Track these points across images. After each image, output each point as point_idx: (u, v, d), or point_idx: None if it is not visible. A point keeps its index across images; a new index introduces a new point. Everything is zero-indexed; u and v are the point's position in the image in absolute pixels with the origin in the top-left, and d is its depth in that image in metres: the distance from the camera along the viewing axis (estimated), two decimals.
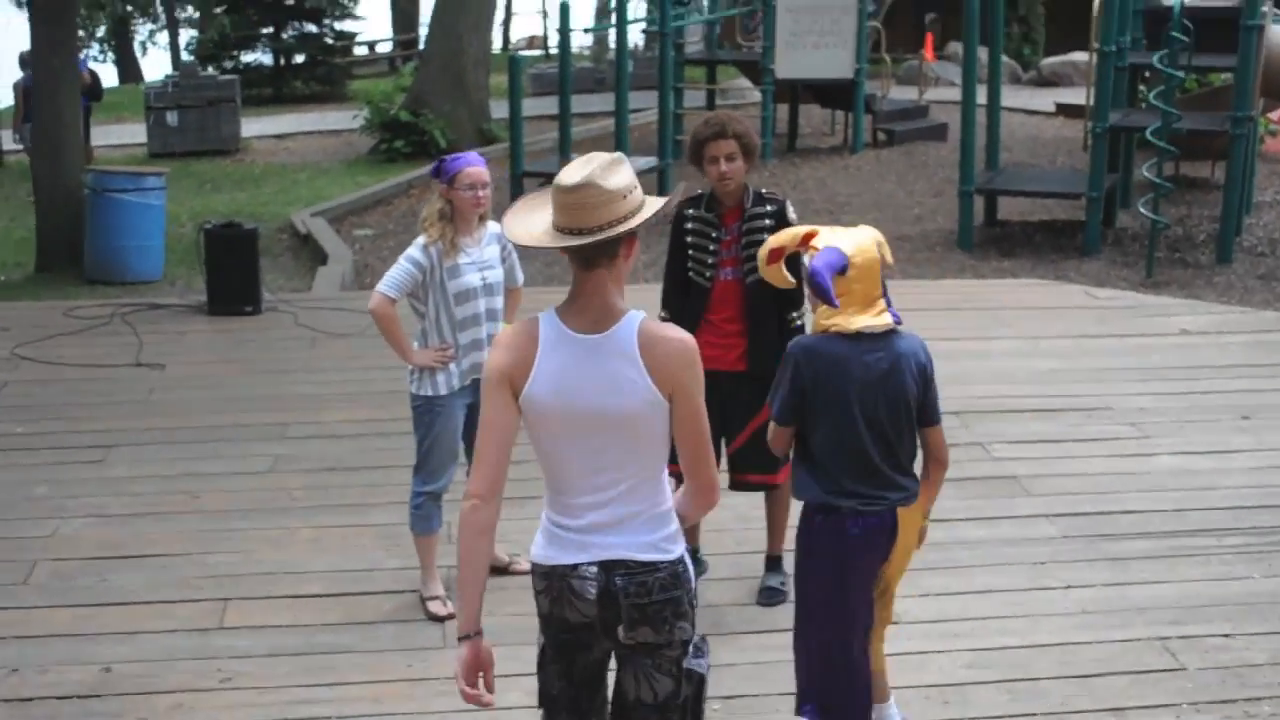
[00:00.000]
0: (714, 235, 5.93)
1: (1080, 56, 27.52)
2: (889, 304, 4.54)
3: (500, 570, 6.41)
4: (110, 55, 45.30)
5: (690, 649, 3.58)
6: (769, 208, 5.92)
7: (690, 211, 6.01)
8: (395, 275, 5.91)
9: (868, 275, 4.45)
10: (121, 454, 8.02)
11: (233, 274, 10.87)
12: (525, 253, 5.14)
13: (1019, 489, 7.41)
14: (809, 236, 4.58)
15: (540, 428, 3.49)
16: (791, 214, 5.93)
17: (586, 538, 3.49)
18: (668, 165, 16.14)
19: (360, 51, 35.31)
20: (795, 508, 5.00)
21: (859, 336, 4.43)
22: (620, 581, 3.46)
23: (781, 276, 4.84)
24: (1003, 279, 13.06)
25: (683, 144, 18.42)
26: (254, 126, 23.74)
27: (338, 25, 32.06)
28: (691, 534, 4.65)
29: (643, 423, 3.43)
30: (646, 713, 3.59)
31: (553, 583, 3.53)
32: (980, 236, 14.60)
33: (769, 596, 6.17)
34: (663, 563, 3.49)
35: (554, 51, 36.06)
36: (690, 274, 6.01)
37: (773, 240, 4.80)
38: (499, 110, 20.56)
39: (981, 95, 14.99)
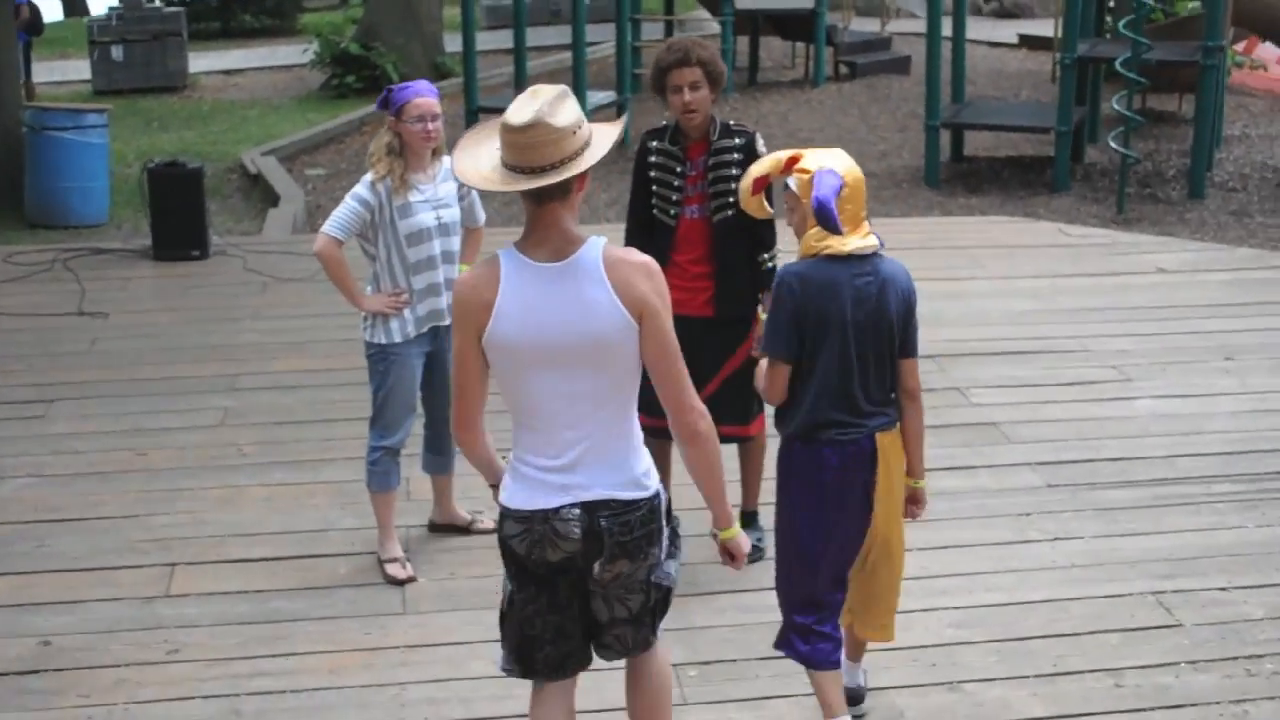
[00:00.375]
0: (678, 170, 5.61)
1: None
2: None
3: (462, 529, 6.12)
4: None
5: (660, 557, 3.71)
6: (737, 140, 5.60)
7: (654, 144, 5.70)
8: (341, 215, 5.57)
9: (856, 195, 4.31)
10: (62, 409, 7.66)
11: (178, 216, 10.43)
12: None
13: (1000, 436, 7.16)
14: (793, 161, 4.38)
15: (509, 364, 3.48)
16: (761, 146, 5.61)
17: (566, 477, 3.52)
18: (626, 100, 15.74)
19: None
20: (770, 457, 4.79)
21: (849, 259, 4.28)
22: (604, 522, 3.52)
23: (762, 207, 4.63)
24: (971, 216, 12.78)
25: (642, 78, 18.22)
26: (202, 62, 23.12)
27: None
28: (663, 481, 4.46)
29: (615, 346, 3.44)
30: (620, 627, 3.75)
31: (533, 526, 3.53)
32: (947, 173, 14.30)
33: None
34: (642, 500, 3.57)
35: None
36: (654, 212, 5.69)
37: (755, 168, 4.56)
38: (453, 44, 20.07)
39: (945, 27, 14.62)
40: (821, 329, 4.26)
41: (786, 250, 4.86)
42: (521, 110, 3.37)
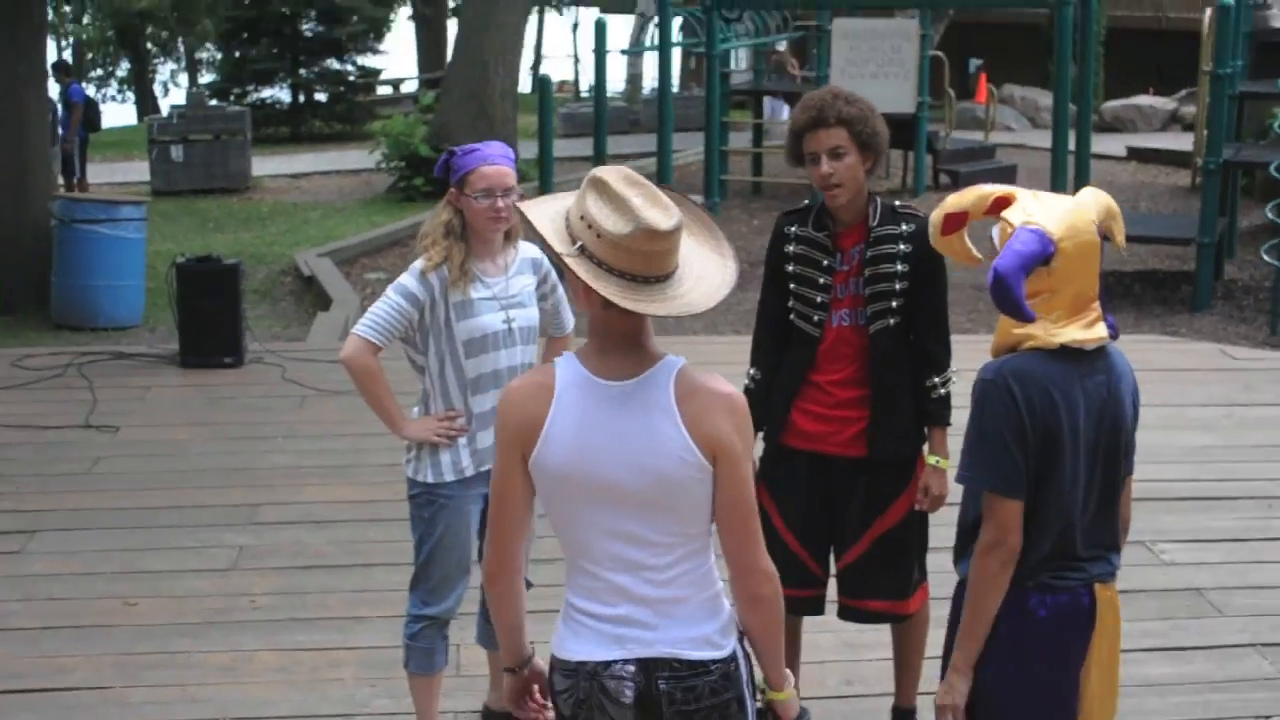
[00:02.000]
0: (824, 264, 4.28)
1: (1144, 100, 26.09)
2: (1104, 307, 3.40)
3: None
4: (131, 95, 44.13)
5: None
6: (904, 227, 4.28)
7: (793, 229, 4.37)
8: (380, 313, 4.26)
9: (1081, 266, 3.26)
10: (45, 542, 6.33)
11: (210, 319, 9.14)
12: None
13: (1207, 607, 5.67)
14: (1001, 203, 3.34)
15: (558, 495, 2.97)
16: None
17: (622, 629, 2.98)
18: (715, 204, 14.46)
19: (385, 91, 33.81)
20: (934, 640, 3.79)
21: (1068, 354, 3.25)
22: (664, 685, 2.96)
23: (965, 251, 3.49)
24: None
25: (729, 184, 17.06)
26: (268, 165, 22.25)
27: (361, 60, 30.55)
28: (791, 663, 3.21)
29: (683, 488, 2.91)
30: None
31: (579, 682, 2.99)
32: None
33: None
34: (714, 661, 2.99)
35: (585, 96, 34.70)
36: (792, 317, 4.34)
37: (951, 201, 3.44)
38: (526, 150, 19.04)
39: (1044, 139, 13.27)
40: (1049, 451, 3.25)
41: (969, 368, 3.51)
42: (658, 207, 2.79)
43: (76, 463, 7.40)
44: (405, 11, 37.77)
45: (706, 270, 2.88)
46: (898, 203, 4.35)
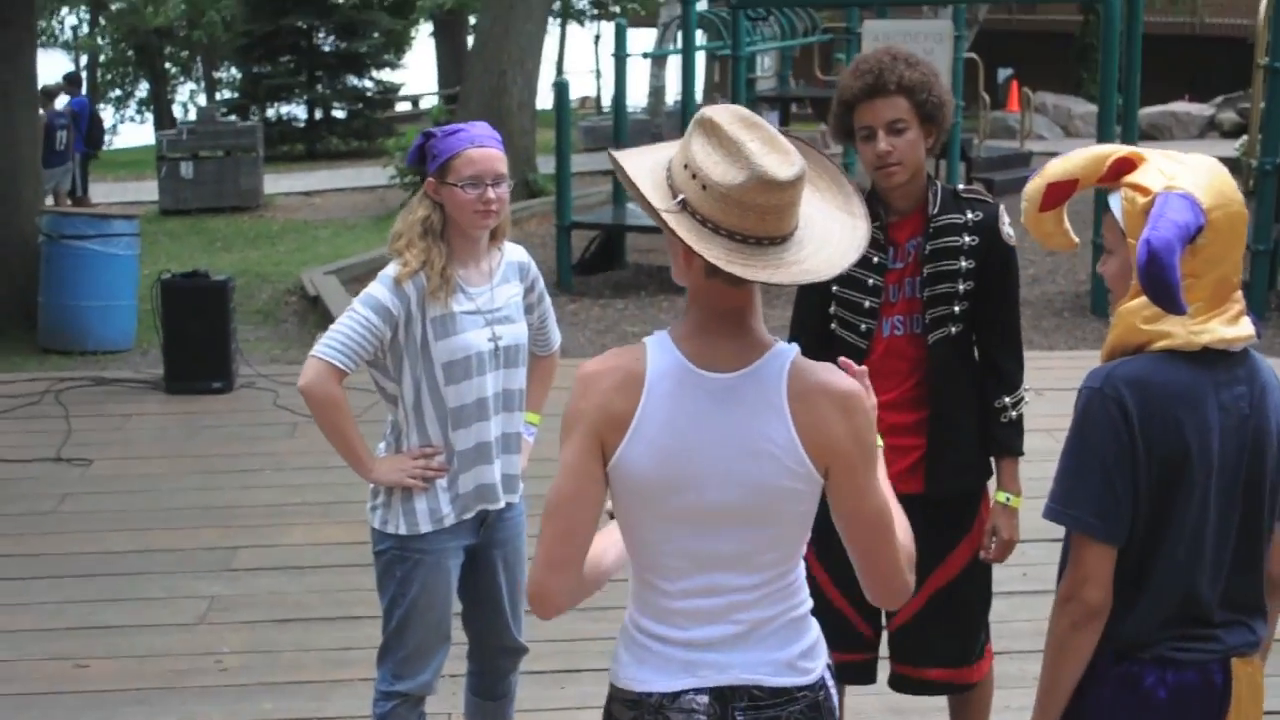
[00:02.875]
0: (875, 261, 3.60)
1: (1180, 106, 25.38)
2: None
3: None
4: (150, 116, 43.74)
5: None
6: (970, 216, 3.60)
7: None
8: (346, 331, 3.60)
9: (1231, 244, 2.63)
10: None
11: (198, 340, 8.49)
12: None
13: None
14: (1124, 166, 2.68)
15: (637, 506, 2.49)
16: (1007, 226, 3.58)
17: (694, 654, 2.52)
18: None
19: (404, 107, 33.25)
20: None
21: (1202, 358, 2.61)
22: (742, 717, 2.51)
23: (1060, 232, 2.88)
24: None
25: None
26: (281, 183, 21.68)
27: (380, 76, 29.97)
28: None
29: (787, 504, 2.46)
30: None
31: (643, 715, 2.53)
32: None
33: None
34: (800, 689, 2.54)
35: (606, 110, 34.03)
36: (834, 326, 3.66)
37: (1055, 167, 2.79)
38: (544, 166, 18.43)
39: (1078, 147, 12.49)
40: (1170, 483, 2.60)
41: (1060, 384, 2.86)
42: (777, 152, 2.31)
43: (41, 500, 6.75)
44: (427, 27, 37.27)
45: (830, 232, 2.41)
46: (961, 186, 3.66)
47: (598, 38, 41.52)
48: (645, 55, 21.08)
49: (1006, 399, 3.63)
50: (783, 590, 2.54)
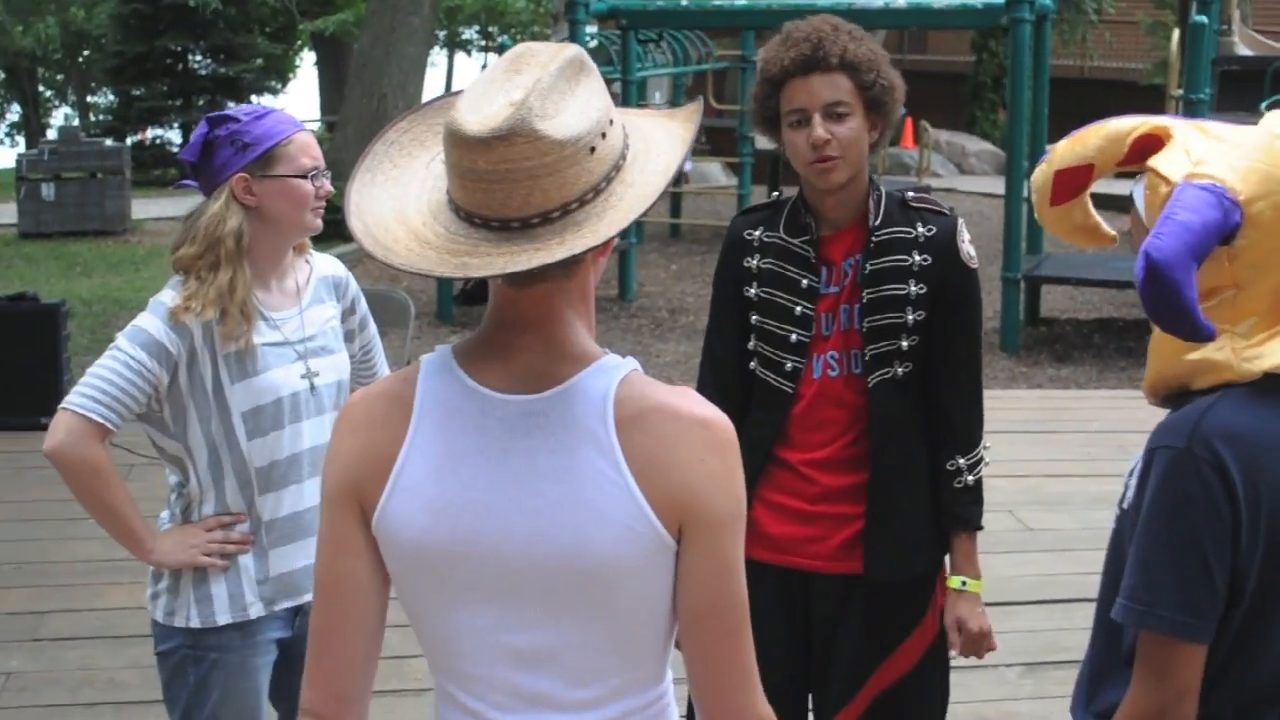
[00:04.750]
0: (803, 284, 2.90)
1: None
2: None
3: None
4: (21, 140, 42.44)
5: None
6: (922, 229, 2.91)
7: (758, 235, 2.97)
8: (104, 376, 2.80)
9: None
10: None
11: (24, 371, 7.59)
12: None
13: None
14: (1147, 143, 2.12)
15: (417, 582, 1.78)
16: (965, 242, 2.90)
17: None
18: (631, 246, 13.05)
19: None
20: None
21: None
22: None
23: (1092, 226, 2.33)
24: (1068, 390, 10.05)
25: (643, 226, 15.71)
26: (151, 208, 20.60)
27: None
28: None
29: (627, 579, 1.72)
30: None
31: None
32: (1024, 338, 11.62)
33: None
34: None
35: None
36: (753, 365, 2.94)
37: (1063, 151, 2.23)
38: None
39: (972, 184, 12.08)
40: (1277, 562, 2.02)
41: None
42: (487, 101, 1.65)
43: None
44: (311, 56, 36.42)
45: (625, 196, 1.70)
46: (910, 192, 2.97)
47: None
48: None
49: (961, 459, 2.94)
50: (639, 708, 1.82)
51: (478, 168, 1.64)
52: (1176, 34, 13.11)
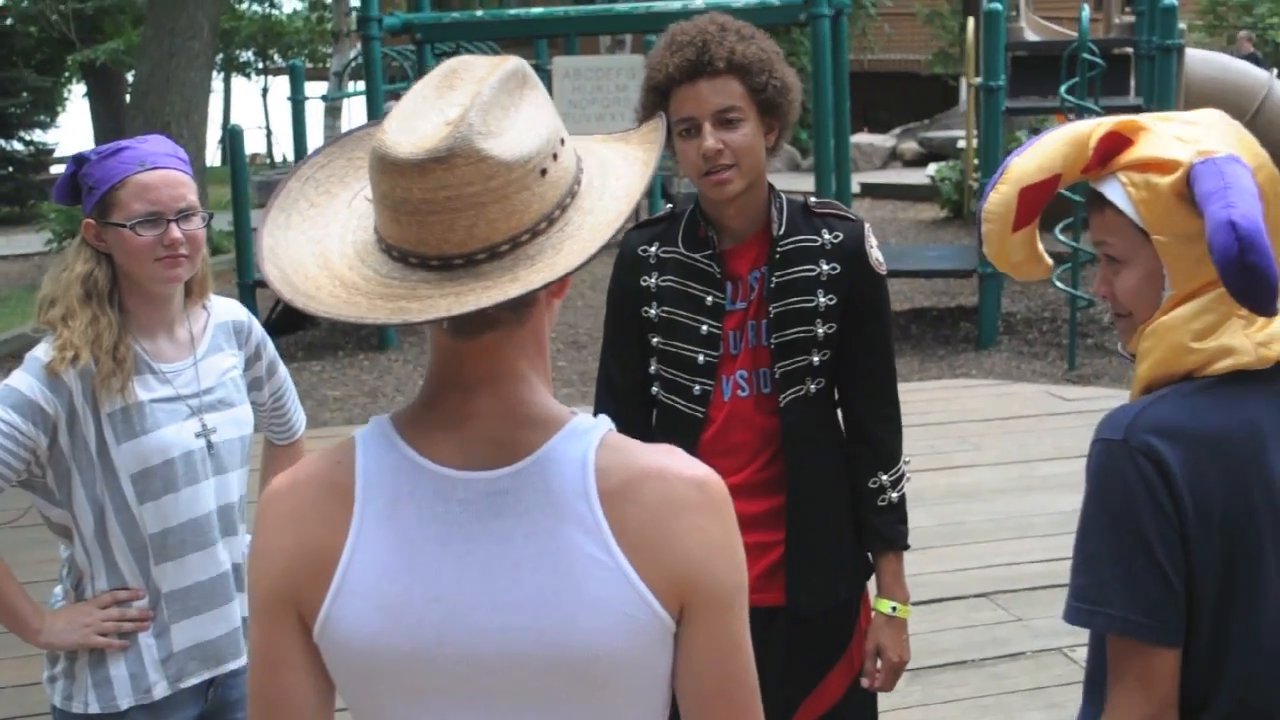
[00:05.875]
0: (708, 301, 2.72)
1: (863, 138, 25.69)
2: None
3: None
4: None
5: None
6: (828, 237, 2.75)
7: (654, 251, 2.80)
8: None
9: (1277, 219, 1.96)
10: None
11: None
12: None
13: None
14: (1115, 142, 1.98)
15: (371, 687, 1.52)
16: (873, 248, 2.76)
17: None
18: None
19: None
20: None
21: (1253, 380, 1.95)
22: None
23: (1035, 259, 2.18)
24: (905, 381, 10.07)
25: None
26: None
27: (30, 137, 27.97)
28: None
29: (626, 669, 1.49)
30: None
31: None
32: None
33: None
34: None
35: (280, 165, 32.61)
36: (656, 389, 2.78)
37: (1020, 167, 2.05)
38: (221, 223, 17.11)
39: (779, 181, 12.10)
40: (1236, 553, 1.89)
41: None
42: (420, 120, 1.45)
43: None
44: (81, 88, 35.22)
45: (583, 225, 1.49)
46: (812, 199, 2.81)
47: (265, 90, 40.02)
48: (324, 98, 19.97)
49: (884, 476, 2.81)
50: None
51: (411, 197, 1.42)
52: (971, 22, 13.30)
